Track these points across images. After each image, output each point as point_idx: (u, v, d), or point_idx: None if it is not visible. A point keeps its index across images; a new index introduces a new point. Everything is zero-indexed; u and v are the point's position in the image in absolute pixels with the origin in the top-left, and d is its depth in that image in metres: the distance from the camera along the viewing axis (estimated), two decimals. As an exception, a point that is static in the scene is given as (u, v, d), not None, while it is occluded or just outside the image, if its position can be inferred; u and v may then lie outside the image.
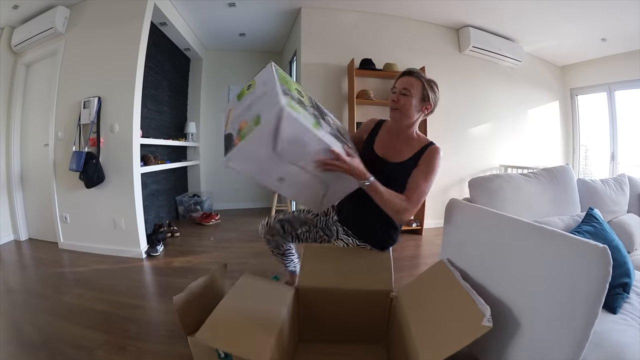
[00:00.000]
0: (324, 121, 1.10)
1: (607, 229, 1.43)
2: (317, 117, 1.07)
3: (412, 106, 1.27)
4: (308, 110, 1.04)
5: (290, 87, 1.05)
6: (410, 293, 1.24)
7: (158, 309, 1.80)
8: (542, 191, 1.73)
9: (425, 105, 1.29)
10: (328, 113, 1.28)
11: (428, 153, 1.26)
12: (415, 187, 1.21)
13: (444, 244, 1.50)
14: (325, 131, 1.05)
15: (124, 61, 2.57)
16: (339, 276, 1.31)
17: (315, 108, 1.14)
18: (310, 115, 1.02)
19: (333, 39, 3.39)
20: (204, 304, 1.08)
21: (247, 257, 2.60)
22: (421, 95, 1.27)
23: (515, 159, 4.11)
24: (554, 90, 4.52)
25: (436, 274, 1.28)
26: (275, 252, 1.61)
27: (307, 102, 1.09)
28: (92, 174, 2.44)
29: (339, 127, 1.27)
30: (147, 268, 2.40)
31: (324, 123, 1.09)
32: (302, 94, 1.10)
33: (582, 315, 0.75)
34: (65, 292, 1.99)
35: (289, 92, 1.02)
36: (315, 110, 1.11)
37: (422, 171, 1.23)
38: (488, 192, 1.50)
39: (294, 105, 0.96)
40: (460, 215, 1.40)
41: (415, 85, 1.26)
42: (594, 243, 0.77)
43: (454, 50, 3.83)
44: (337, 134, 1.14)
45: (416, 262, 2.62)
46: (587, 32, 3.58)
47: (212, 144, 4.60)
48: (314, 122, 1.02)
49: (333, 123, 1.22)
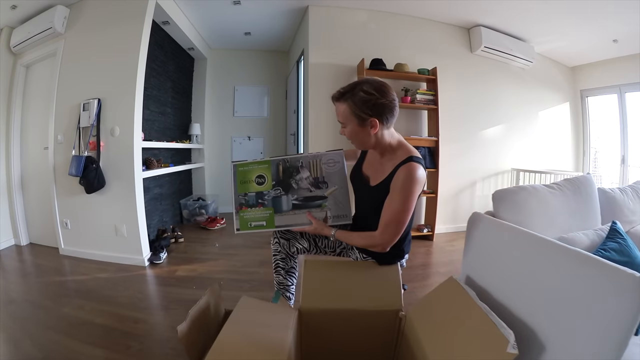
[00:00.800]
0: (286, 196, 1.33)
1: (630, 244, 1.40)
2: (278, 198, 1.33)
3: (357, 134, 1.15)
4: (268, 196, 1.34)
5: (250, 176, 1.35)
6: (421, 312, 1.15)
7: (161, 324, 1.71)
8: (566, 204, 1.66)
9: (369, 123, 1.11)
10: (304, 163, 1.35)
11: (397, 175, 1.10)
12: (385, 218, 1.12)
13: (465, 259, 1.39)
14: (286, 210, 1.33)
15: (125, 61, 2.48)
16: (343, 295, 1.22)
17: (281, 180, 1.34)
18: (264, 213, 1.33)
19: (342, 38, 3.28)
20: (204, 327, 1.04)
21: (253, 265, 2.50)
22: (356, 118, 1.11)
23: (526, 161, 4.01)
24: (564, 92, 4.41)
25: (448, 291, 1.18)
26: (280, 265, 1.44)
27: (269, 181, 1.34)
28: (92, 179, 2.36)
29: (316, 177, 1.34)
30: (149, 277, 2.32)
31: (285, 201, 1.33)
32: (264, 176, 1.35)
33: (612, 345, 0.72)
34: (65, 303, 1.91)
35: (245, 190, 1.35)
36: (278, 187, 1.33)
37: (392, 198, 1.11)
38: (513, 205, 1.39)
39: (243, 217, 1.34)
40: (483, 231, 1.30)
41: (344, 112, 1.13)
42: (630, 272, 0.73)
43: (465, 50, 3.72)
44: (308, 190, 1.32)
45: (428, 272, 2.51)
46: (599, 32, 3.50)
47: (217, 145, 4.53)
48: (269, 216, 1.33)
49: (308, 177, 1.33)
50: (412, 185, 1.07)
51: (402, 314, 1.18)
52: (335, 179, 1.32)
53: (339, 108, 1.15)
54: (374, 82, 1.12)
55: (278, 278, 1.44)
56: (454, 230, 3.63)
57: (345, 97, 1.12)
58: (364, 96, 1.09)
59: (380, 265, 1.26)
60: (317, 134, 3.26)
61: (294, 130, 4.00)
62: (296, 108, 3.92)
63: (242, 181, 1.35)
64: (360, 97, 1.10)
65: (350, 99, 1.11)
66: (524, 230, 1.13)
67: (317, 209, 1.32)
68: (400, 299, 1.19)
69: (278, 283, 1.44)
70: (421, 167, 1.10)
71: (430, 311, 1.14)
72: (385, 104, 1.10)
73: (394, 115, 1.14)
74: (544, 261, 0.97)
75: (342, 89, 1.14)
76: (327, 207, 1.32)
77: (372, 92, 1.09)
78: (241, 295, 2.00)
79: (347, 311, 1.18)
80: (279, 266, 1.44)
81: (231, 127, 4.62)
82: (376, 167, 1.24)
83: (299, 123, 3.88)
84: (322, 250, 1.42)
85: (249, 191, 1.34)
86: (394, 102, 1.12)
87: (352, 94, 1.11)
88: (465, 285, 1.11)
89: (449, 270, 2.45)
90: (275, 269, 1.44)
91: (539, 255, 1.00)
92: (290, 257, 1.43)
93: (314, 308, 1.17)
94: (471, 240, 1.34)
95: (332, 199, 1.32)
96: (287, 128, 4.60)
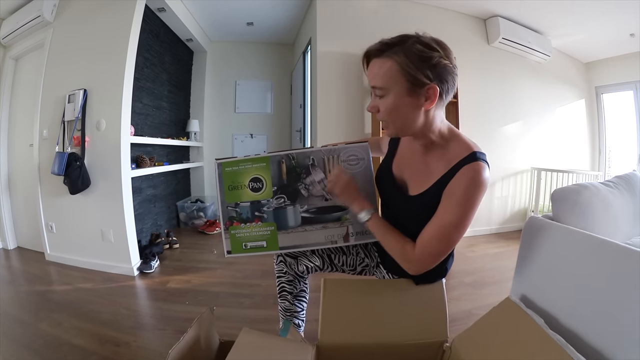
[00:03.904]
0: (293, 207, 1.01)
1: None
2: (281, 210, 1.01)
3: (400, 107, 0.78)
4: (268, 207, 1.01)
5: (242, 179, 1.01)
6: (472, 343, 0.90)
7: (146, 349, 1.45)
8: (625, 204, 1.44)
9: (424, 93, 0.76)
10: (316, 161, 1.02)
11: (458, 179, 0.77)
12: (431, 231, 0.81)
13: (519, 274, 1.15)
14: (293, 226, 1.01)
15: (113, 48, 2.24)
16: (372, 325, 0.95)
17: (286, 184, 1.02)
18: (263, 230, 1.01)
19: (352, 26, 3.03)
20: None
21: (254, 276, 2.24)
22: (406, 82, 0.75)
23: (543, 160, 3.78)
24: (579, 88, 4.21)
25: (505, 317, 0.92)
26: (287, 289, 1.15)
27: (269, 186, 1.01)
28: (76, 178, 2.12)
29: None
30: (138, 289, 2.07)
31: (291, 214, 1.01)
32: (262, 179, 1.01)
33: None
34: (44, 317, 1.70)
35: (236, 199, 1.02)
36: (281, 194, 1.01)
37: (446, 208, 0.78)
38: (577, 207, 1.14)
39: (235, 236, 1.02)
40: (545, 240, 1.05)
41: (387, 73, 0.76)
42: None
43: (482, 41, 3.50)
44: (323, 198, 1.01)
45: (452, 282, 2.19)
46: (617, 25, 3.32)
47: (217, 143, 4.29)
48: (270, 234, 1.01)
49: (322, 180, 1.01)
50: (478, 193, 0.76)
51: (446, 346, 0.93)
52: (359, 182, 0.98)
53: (377, 67, 0.78)
54: (432, 37, 0.78)
55: (284, 304, 1.15)
56: (473, 234, 3.37)
57: (393, 49, 0.75)
58: (422, 49, 0.73)
59: (417, 284, 0.98)
60: (326, 129, 3.00)
61: (301, 126, 3.75)
62: (302, 102, 3.68)
63: (232, 186, 1.01)
64: (417, 49, 0.73)
65: (402, 51, 0.74)
66: (604, 240, 0.90)
67: (334, 224, 1.01)
68: (445, 328, 0.94)
69: (284, 310, 1.15)
70: (487, 167, 0.79)
71: (483, 342, 0.89)
72: (450, 68, 0.75)
73: (454, 88, 0.79)
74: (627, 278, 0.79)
75: (386, 40, 0.77)
76: (349, 220, 1.01)
77: (434, 47, 0.74)
78: (240, 313, 1.76)
79: (379, 346, 0.92)
80: (284, 290, 1.14)
81: (232, 124, 4.38)
82: (417, 167, 0.90)
83: (305, 118, 3.64)
84: (338, 269, 1.13)
85: (241, 200, 1.01)
86: (456, 69, 0.78)
87: (403, 47, 0.74)
88: (529, 310, 0.87)
89: (474, 281, 2.18)
90: (280, 294, 1.15)
91: (619, 270, 0.82)
92: (298, 278, 1.15)
93: (336, 343, 0.92)
94: (529, 251, 1.09)
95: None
96: (292, 124, 4.36)
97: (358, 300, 1.00)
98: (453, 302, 1.85)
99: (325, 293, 0.97)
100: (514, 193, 3.68)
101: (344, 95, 3.00)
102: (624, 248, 0.84)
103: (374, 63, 0.79)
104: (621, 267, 0.83)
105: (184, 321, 1.64)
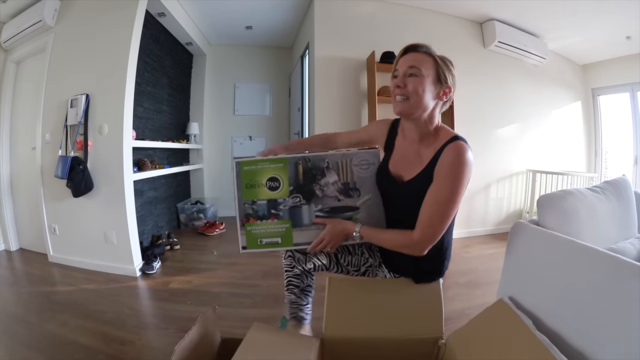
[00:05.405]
0: (308, 206, 1.08)
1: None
2: (297, 208, 1.08)
3: (425, 90, 0.95)
4: (284, 206, 1.07)
5: (260, 178, 1.07)
6: (465, 341, 0.98)
7: (150, 347, 1.51)
8: (611, 210, 1.47)
9: (442, 88, 0.98)
10: (331, 164, 1.09)
11: (443, 157, 0.92)
12: (427, 211, 0.93)
13: (505, 278, 1.21)
14: (308, 224, 1.07)
15: (115, 53, 2.29)
16: (373, 320, 1.03)
17: (302, 185, 1.09)
18: (279, 227, 1.08)
19: (350, 30, 3.08)
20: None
21: (255, 277, 2.29)
22: (435, 74, 0.97)
23: (539, 162, 3.83)
24: (576, 90, 4.26)
25: (497, 317, 1.00)
26: (294, 283, 1.24)
27: (286, 185, 1.08)
28: (79, 182, 2.16)
29: (346, 182, 1.10)
30: (141, 289, 2.12)
31: (306, 213, 1.08)
32: (279, 179, 1.08)
33: None
34: (49, 318, 1.74)
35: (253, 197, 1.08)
36: (297, 194, 1.08)
37: (436, 186, 0.92)
38: (561, 213, 1.19)
39: (251, 233, 1.09)
40: (530, 244, 1.11)
41: (425, 62, 0.97)
42: None
43: (478, 45, 3.54)
44: (336, 198, 1.08)
45: (447, 282, 2.23)
46: (613, 28, 3.36)
47: (217, 146, 4.33)
48: (285, 231, 1.07)
49: (336, 182, 1.09)
50: (463, 167, 0.89)
51: (441, 342, 1.00)
52: (369, 185, 1.08)
53: (419, 56, 0.98)
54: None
55: (290, 297, 1.23)
56: (467, 235, 3.42)
57: (430, 52, 1.00)
58: (449, 65, 1.00)
59: (416, 283, 1.07)
60: (323, 132, 3.03)
61: (298, 129, 3.80)
62: (300, 105, 3.73)
63: (250, 185, 1.07)
64: (447, 63, 1.00)
65: (438, 57, 0.99)
66: (586, 246, 0.95)
67: None
68: (441, 325, 1.01)
69: (290, 302, 1.24)
70: (469, 148, 0.93)
71: (475, 340, 0.96)
72: (455, 83, 1.01)
73: (452, 100, 1.05)
74: (608, 283, 0.84)
75: (424, 45, 1.01)
76: (359, 220, 1.07)
77: (453, 68, 1.01)
78: (240, 312, 1.81)
79: (379, 340, 1.00)
80: (292, 284, 1.22)
81: (231, 127, 4.42)
82: (411, 159, 1.03)
83: (303, 121, 3.69)
84: (344, 269, 1.20)
85: (258, 198, 1.07)
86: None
87: (439, 56, 1.00)
88: (519, 311, 0.94)
89: (468, 281, 2.24)
90: (288, 287, 1.23)
91: (601, 274, 0.87)
92: (306, 274, 1.23)
93: (339, 337, 0.99)
94: (514, 254, 1.15)
95: (365, 210, 1.07)
96: (290, 127, 4.41)
97: (360, 297, 1.07)
98: (446, 302, 1.87)
99: (330, 290, 1.05)
100: (509, 195, 3.74)
101: (341, 99, 3.05)
102: (603, 253, 0.89)
103: (415, 54, 0.99)
104: (601, 271, 0.87)
105: (186, 320, 1.69)
